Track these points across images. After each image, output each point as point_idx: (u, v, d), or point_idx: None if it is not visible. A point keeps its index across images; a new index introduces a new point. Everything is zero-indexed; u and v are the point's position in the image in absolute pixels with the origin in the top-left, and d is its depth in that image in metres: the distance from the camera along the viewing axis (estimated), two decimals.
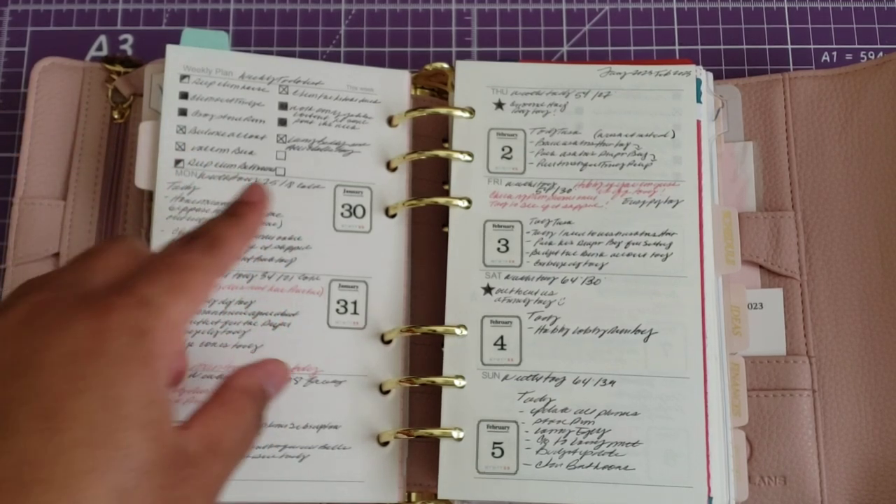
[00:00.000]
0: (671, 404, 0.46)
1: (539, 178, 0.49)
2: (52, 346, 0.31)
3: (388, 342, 0.48)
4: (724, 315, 0.48)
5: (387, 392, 0.47)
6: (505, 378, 0.46)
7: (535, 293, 0.47)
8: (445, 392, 0.46)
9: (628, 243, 0.48)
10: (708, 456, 0.45)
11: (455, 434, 0.46)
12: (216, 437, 0.34)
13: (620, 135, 0.50)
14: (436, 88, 0.53)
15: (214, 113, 0.48)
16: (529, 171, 0.49)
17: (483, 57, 0.58)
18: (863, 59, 0.58)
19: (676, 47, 0.58)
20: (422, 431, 0.46)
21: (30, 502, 0.28)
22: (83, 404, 0.30)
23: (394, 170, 0.50)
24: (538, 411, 0.46)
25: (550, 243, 0.48)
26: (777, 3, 0.59)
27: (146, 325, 0.33)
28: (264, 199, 0.40)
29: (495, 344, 0.47)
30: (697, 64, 0.51)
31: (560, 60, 0.58)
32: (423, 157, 0.50)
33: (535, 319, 0.47)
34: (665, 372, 0.46)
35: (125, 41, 0.59)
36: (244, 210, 0.40)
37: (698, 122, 0.50)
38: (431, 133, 0.52)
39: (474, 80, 0.51)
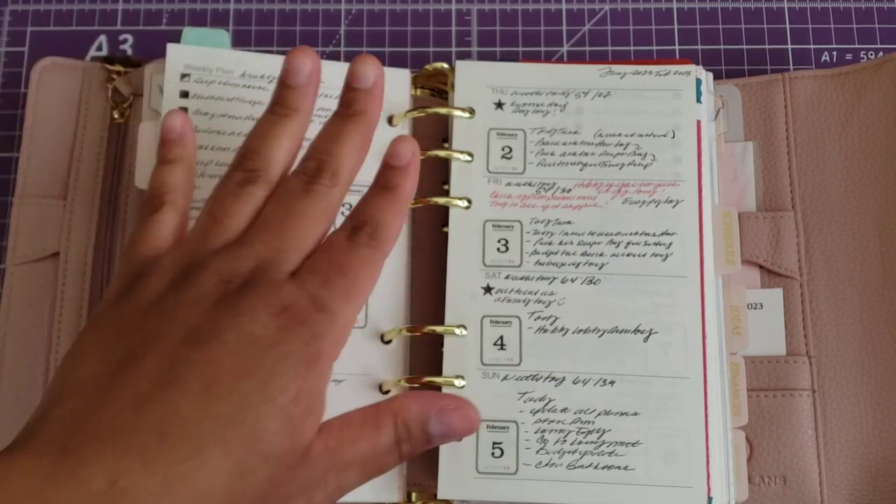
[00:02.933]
0: (671, 404, 0.46)
1: (539, 178, 0.49)
2: (237, 327, 0.33)
3: (388, 342, 0.48)
4: (724, 315, 0.48)
5: (387, 392, 0.47)
6: (505, 378, 0.46)
7: (535, 293, 0.47)
8: (445, 392, 0.46)
9: (628, 243, 0.48)
10: (708, 456, 0.45)
11: None
12: (340, 447, 0.35)
13: (620, 135, 0.50)
14: (436, 88, 0.53)
15: (215, 112, 0.48)
16: (529, 171, 0.49)
17: (483, 57, 0.58)
18: (863, 59, 0.58)
19: (676, 47, 0.58)
20: None
21: (162, 454, 0.30)
22: (243, 385, 0.32)
23: None
24: (538, 411, 0.46)
25: (550, 243, 0.48)
26: (777, 3, 0.59)
27: (321, 330, 0.35)
28: (416, 158, 0.40)
29: (495, 344, 0.47)
30: (697, 64, 0.51)
31: (560, 60, 0.58)
32: (423, 157, 0.50)
33: (534, 319, 0.47)
34: (665, 372, 0.46)
35: (125, 41, 0.59)
36: (397, 179, 0.40)
37: (698, 122, 0.50)
38: (431, 133, 0.52)
39: (474, 80, 0.51)
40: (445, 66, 0.52)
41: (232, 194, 0.38)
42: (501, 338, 0.47)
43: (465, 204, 0.49)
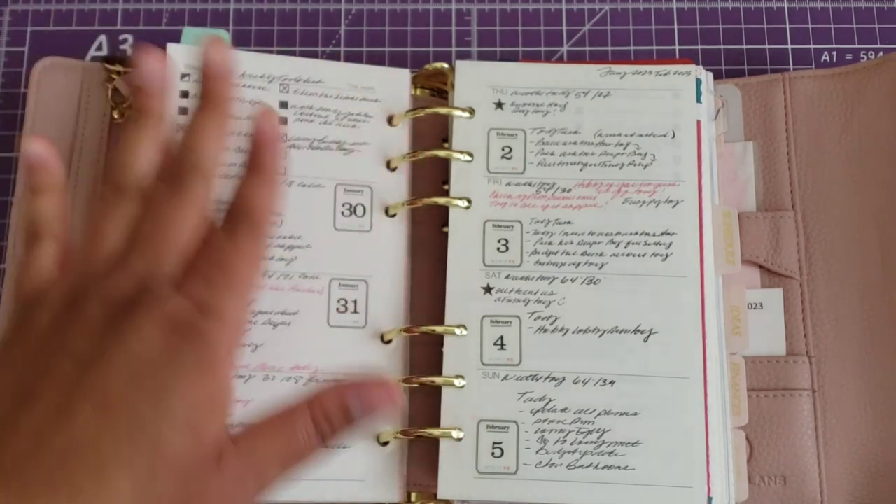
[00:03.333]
0: (671, 404, 0.46)
1: (539, 178, 0.49)
2: (124, 348, 0.34)
3: (388, 342, 0.48)
4: (724, 315, 0.48)
5: None
6: (505, 378, 0.46)
7: (535, 293, 0.47)
8: (445, 392, 0.46)
9: (628, 243, 0.48)
10: (708, 456, 0.45)
11: (455, 434, 0.46)
12: (253, 448, 0.35)
13: (620, 135, 0.50)
14: (436, 88, 0.53)
15: None
16: (529, 171, 0.49)
17: (483, 57, 0.58)
18: (863, 59, 0.58)
19: (676, 47, 0.58)
20: (422, 431, 0.46)
21: (65, 481, 0.31)
22: (137, 402, 0.32)
23: (394, 169, 0.50)
24: (538, 411, 0.46)
25: (550, 243, 0.48)
26: (777, 3, 0.59)
27: (211, 335, 0.35)
28: (278, 132, 0.40)
29: (495, 344, 0.47)
30: (697, 64, 0.51)
31: (560, 60, 0.58)
32: (423, 157, 0.50)
33: (534, 319, 0.47)
34: (665, 372, 0.46)
35: (125, 41, 0.59)
36: (265, 157, 0.40)
37: (698, 122, 0.50)
38: (431, 133, 0.52)
39: (474, 79, 0.51)
40: (445, 66, 0.52)
41: (102, 214, 0.38)
42: (501, 338, 0.47)
43: (465, 204, 0.49)
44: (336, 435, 0.36)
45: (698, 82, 0.50)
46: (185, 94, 0.49)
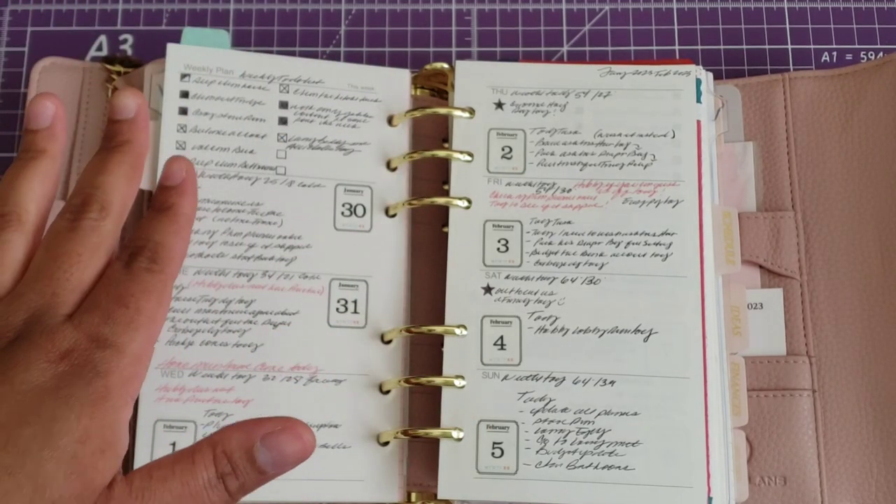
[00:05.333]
0: (671, 404, 0.46)
1: (539, 178, 0.49)
2: (10, 380, 0.33)
3: (389, 342, 0.48)
4: (724, 315, 0.48)
5: (387, 392, 0.47)
6: (505, 378, 0.46)
7: (535, 293, 0.47)
8: (445, 392, 0.46)
9: (628, 243, 0.48)
10: (708, 456, 0.45)
11: (455, 434, 0.46)
12: (147, 488, 0.33)
13: (620, 135, 0.50)
14: (436, 88, 0.53)
15: (215, 112, 0.49)
16: (529, 171, 0.49)
17: (483, 57, 0.58)
18: (863, 59, 0.58)
19: (676, 47, 0.58)
20: (422, 431, 0.46)
21: None
22: (21, 434, 0.32)
23: (394, 169, 0.50)
24: (538, 411, 0.46)
25: (550, 243, 0.48)
26: (777, 3, 0.59)
27: (105, 367, 0.34)
28: (190, 175, 0.40)
29: (495, 344, 0.47)
30: (697, 64, 0.51)
31: (560, 60, 0.58)
32: (423, 157, 0.50)
33: (534, 319, 0.47)
34: (665, 372, 0.46)
35: (125, 41, 0.59)
36: (172, 199, 0.39)
37: (698, 122, 0.50)
38: (431, 133, 0.52)
39: (474, 80, 0.51)
40: (445, 66, 0.52)
41: None
42: (501, 338, 0.47)
43: (465, 204, 0.49)
44: (241, 481, 0.34)
45: (698, 82, 0.50)
46: (185, 94, 0.49)
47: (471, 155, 0.49)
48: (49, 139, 0.40)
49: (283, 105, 0.49)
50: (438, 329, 0.47)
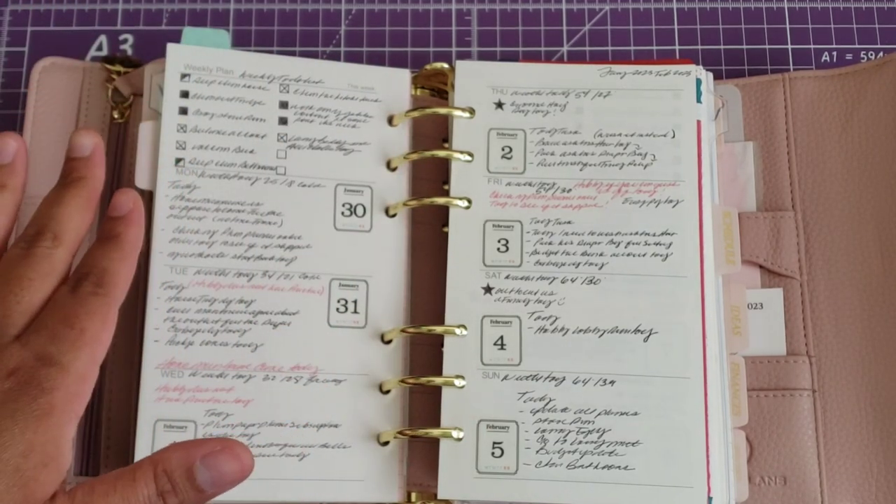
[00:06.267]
0: (671, 404, 0.46)
1: (539, 178, 0.49)
2: None
3: (389, 342, 0.48)
4: (724, 315, 0.48)
5: (387, 392, 0.47)
6: (505, 378, 0.46)
7: (535, 293, 0.47)
8: (445, 392, 0.46)
9: (628, 243, 0.48)
10: (708, 456, 0.45)
11: (455, 434, 0.46)
12: (89, 503, 0.34)
13: (620, 135, 0.50)
14: (436, 88, 0.53)
15: (215, 112, 0.49)
16: (529, 171, 0.49)
17: (483, 57, 0.58)
18: (863, 59, 0.58)
19: (676, 47, 0.58)
20: (422, 431, 0.46)
21: None
22: None
23: (394, 169, 0.50)
24: (538, 411, 0.46)
25: (550, 243, 0.48)
26: (777, 3, 0.59)
27: (50, 384, 0.35)
28: (136, 207, 0.41)
29: (495, 344, 0.47)
30: (697, 64, 0.51)
31: (560, 60, 0.58)
32: (423, 157, 0.50)
33: (535, 319, 0.47)
34: (665, 372, 0.46)
35: (125, 41, 0.59)
36: (119, 228, 0.41)
37: (698, 122, 0.50)
38: (431, 133, 0.52)
39: (474, 80, 0.51)
40: (445, 66, 0.52)
41: None
42: (501, 338, 0.47)
43: (466, 204, 0.49)
44: (180, 499, 0.35)
45: (698, 82, 0.50)
46: (185, 94, 0.49)
47: (471, 155, 0.49)
48: (10, 174, 0.42)
49: (283, 105, 0.49)
50: (438, 329, 0.47)
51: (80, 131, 0.43)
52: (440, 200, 0.49)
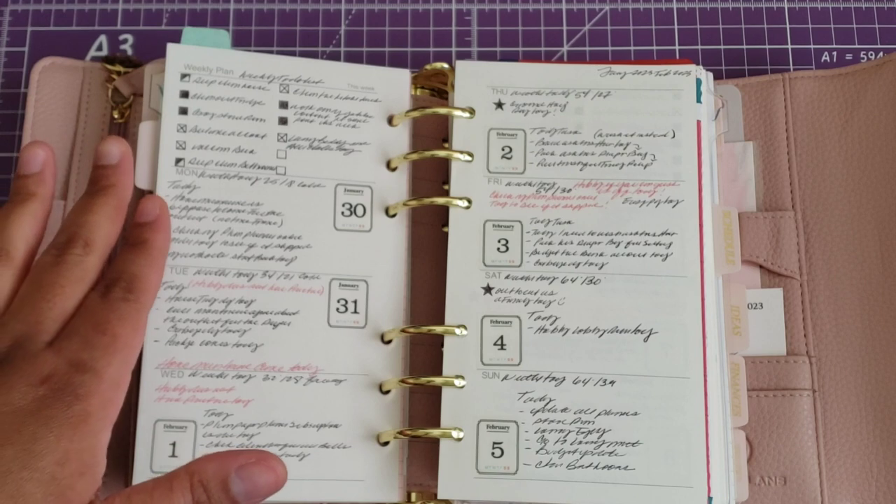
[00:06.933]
0: (671, 404, 0.46)
1: (539, 178, 0.49)
2: None
3: (389, 342, 0.48)
4: (724, 315, 0.48)
5: (387, 392, 0.47)
6: (505, 378, 0.46)
7: (535, 293, 0.47)
8: (445, 392, 0.46)
9: (628, 243, 0.48)
10: (708, 456, 0.45)
11: (455, 434, 0.46)
12: None
13: (620, 135, 0.50)
14: (436, 88, 0.53)
15: (215, 112, 0.49)
16: (529, 171, 0.49)
17: (483, 57, 0.58)
18: (863, 59, 0.58)
19: (676, 47, 0.58)
20: (422, 431, 0.46)
21: None
22: (3, 456, 0.33)
23: (394, 169, 0.50)
24: (538, 411, 0.46)
25: (550, 243, 0.48)
26: (777, 3, 0.59)
27: (85, 390, 0.35)
28: (163, 213, 0.42)
29: (495, 344, 0.47)
30: (697, 64, 0.51)
31: (560, 60, 0.58)
32: (423, 157, 0.50)
33: (535, 319, 0.47)
34: (665, 372, 0.46)
35: (125, 41, 0.59)
36: (146, 235, 0.41)
37: (698, 122, 0.50)
38: (431, 133, 0.52)
39: (474, 80, 0.51)
40: (445, 66, 0.52)
41: None
42: (501, 338, 0.47)
43: (465, 204, 0.49)
44: None
45: (698, 82, 0.50)
46: (185, 94, 0.49)
47: (471, 155, 0.49)
48: (39, 183, 0.43)
49: (283, 105, 0.49)
50: (438, 329, 0.47)
51: (108, 139, 0.43)
52: (440, 200, 0.49)
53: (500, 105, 0.50)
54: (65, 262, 0.39)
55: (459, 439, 0.46)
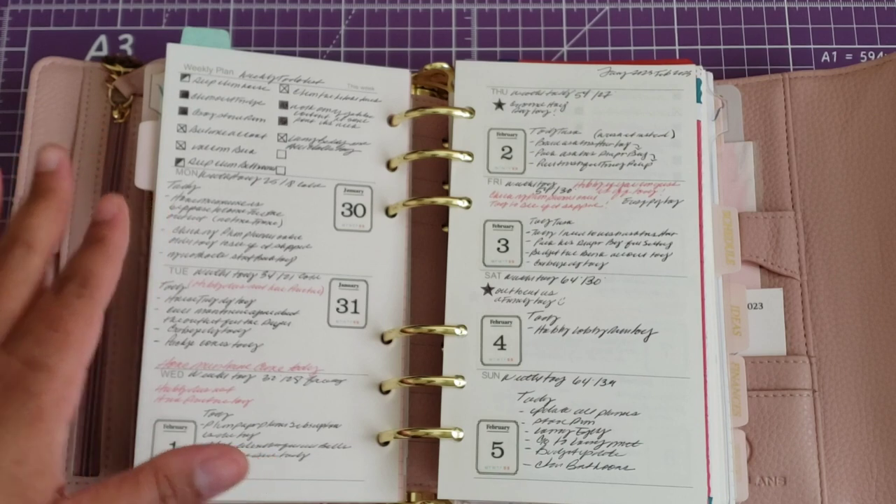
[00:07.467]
0: (671, 404, 0.46)
1: (539, 178, 0.49)
2: None
3: (389, 342, 0.48)
4: (724, 315, 0.48)
5: (387, 392, 0.47)
6: (505, 378, 0.46)
7: (535, 293, 0.47)
8: (445, 392, 0.46)
9: (628, 243, 0.48)
10: (708, 456, 0.45)
11: (455, 434, 0.46)
12: None
13: (620, 135, 0.50)
14: (436, 88, 0.53)
15: (215, 112, 0.49)
16: (529, 171, 0.49)
17: (483, 57, 0.58)
18: (863, 59, 0.58)
19: (676, 47, 0.58)
20: (422, 431, 0.46)
21: None
22: None
23: (394, 169, 0.50)
24: (538, 411, 0.46)
25: (550, 243, 0.48)
26: (777, 3, 0.59)
27: (39, 388, 0.35)
28: (122, 211, 0.41)
29: (495, 344, 0.47)
30: (697, 64, 0.51)
31: (560, 60, 0.58)
32: (423, 157, 0.50)
33: (534, 319, 0.47)
34: (665, 372, 0.46)
35: (125, 41, 0.59)
36: (104, 232, 0.41)
37: (698, 122, 0.50)
38: (431, 133, 0.52)
39: (474, 80, 0.51)
40: (445, 66, 0.52)
41: None
42: (501, 338, 0.47)
43: (465, 204, 0.49)
44: (180, 503, 0.36)
45: (698, 82, 0.50)
46: (185, 94, 0.49)
47: (471, 155, 0.49)
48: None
49: (283, 105, 0.49)
50: (438, 329, 0.47)
51: (45, 147, 0.43)
52: (440, 200, 0.49)
53: (500, 105, 0.50)
54: (7, 265, 0.39)
55: (459, 439, 0.46)
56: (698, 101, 0.50)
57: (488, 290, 0.48)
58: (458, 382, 0.46)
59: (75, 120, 0.52)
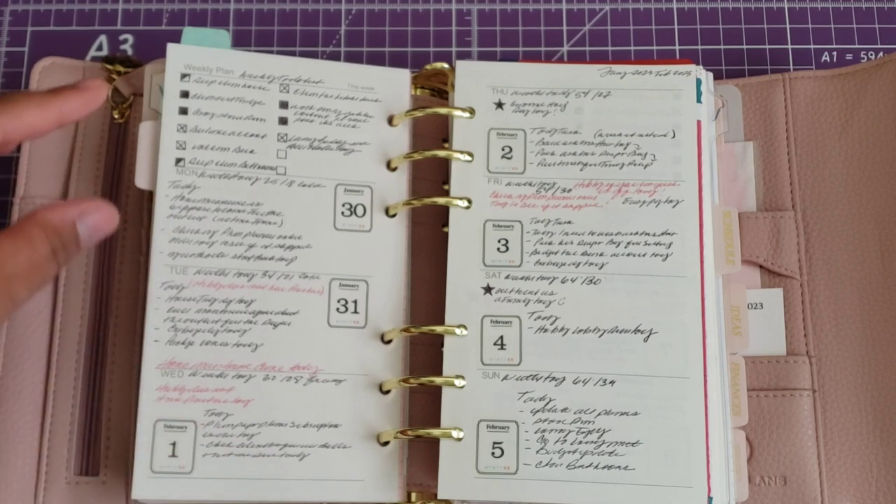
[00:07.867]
0: (671, 404, 0.46)
1: (539, 178, 0.49)
2: None
3: (389, 342, 0.48)
4: (724, 315, 0.48)
5: (387, 392, 0.47)
6: (505, 378, 0.46)
7: (535, 293, 0.47)
8: (445, 392, 0.46)
9: (628, 243, 0.48)
10: (708, 456, 0.45)
11: (455, 434, 0.46)
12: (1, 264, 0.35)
13: (620, 135, 0.50)
14: (436, 88, 0.53)
15: (215, 112, 0.48)
16: (529, 171, 0.49)
17: (483, 57, 0.58)
18: (863, 59, 0.58)
19: (676, 47, 0.58)
20: (422, 431, 0.46)
21: None
22: None
23: (394, 169, 0.50)
24: (538, 411, 0.46)
25: (550, 243, 0.48)
26: (777, 3, 0.59)
27: None
28: (101, 87, 0.42)
29: (495, 344, 0.47)
30: (697, 64, 0.51)
31: (560, 60, 0.58)
32: (423, 157, 0.50)
33: (535, 319, 0.47)
34: (665, 372, 0.46)
35: (125, 41, 0.59)
36: (63, 88, 0.42)
37: (698, 122, 0.50)
38: (431, 133, 0.52)
39: (474, 80, 0.51)
40: (445, 66, 0.52)
41: None
42: (501, 338, 0.47)
43: (466, 204, 0.49)
44: (69, 258, 0.38)
45: (698, 82, 0.50)
46: (185, 94, 0.49)
47: (471, 155, 0.49)
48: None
49: (284, 105, 0.49)
50: (438, 329, 0.47)
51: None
52: (440, 200, 0.49)
53: (500, 105, 0.50)
54: None
55: (459, 439, 0.46)
56: (698, 101, 0.50)
57: (488, 290, 0.48)
58: (458, 382, 0.46)
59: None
